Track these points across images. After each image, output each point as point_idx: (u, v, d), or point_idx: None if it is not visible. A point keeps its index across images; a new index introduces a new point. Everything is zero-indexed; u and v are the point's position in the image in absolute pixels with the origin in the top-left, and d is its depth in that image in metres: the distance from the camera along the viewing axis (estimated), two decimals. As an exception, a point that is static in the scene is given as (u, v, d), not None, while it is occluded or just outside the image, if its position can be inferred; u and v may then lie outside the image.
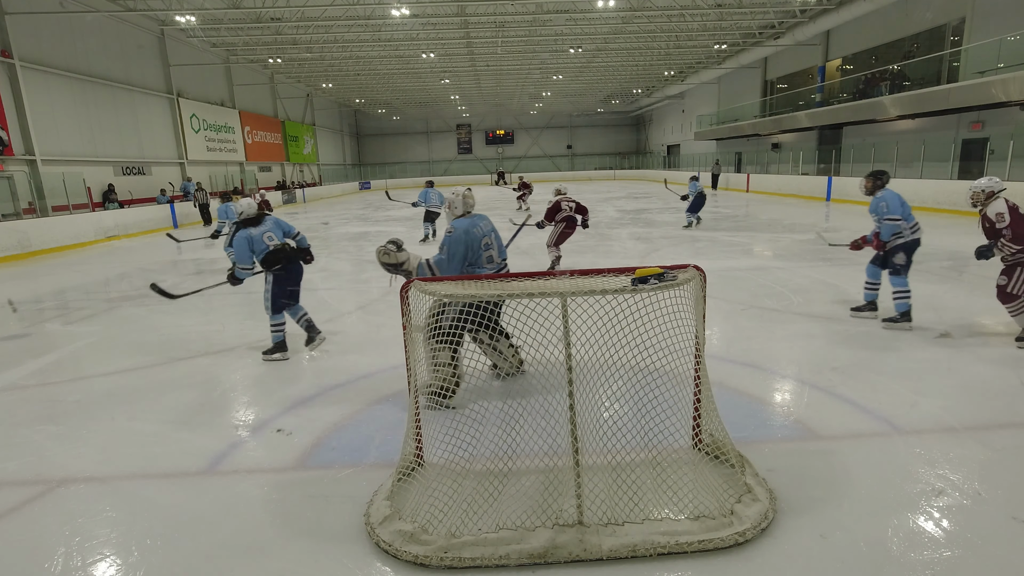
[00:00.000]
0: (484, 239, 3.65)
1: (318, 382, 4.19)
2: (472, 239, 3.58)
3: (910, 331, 4.82)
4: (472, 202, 3.80)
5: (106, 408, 3.86)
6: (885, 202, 4.85)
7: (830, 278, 7.00)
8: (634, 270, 2.52)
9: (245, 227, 4.57)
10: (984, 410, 3.34)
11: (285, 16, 19.21)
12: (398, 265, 3.65)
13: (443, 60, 25.86)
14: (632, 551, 2.19)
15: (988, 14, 14.64)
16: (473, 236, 3.59)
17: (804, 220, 13.56)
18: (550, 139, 47.40)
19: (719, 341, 4.74)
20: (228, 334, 5.53)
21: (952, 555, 2.15)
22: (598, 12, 18.93)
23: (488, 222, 3.80)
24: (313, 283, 7.86)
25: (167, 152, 20.64)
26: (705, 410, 2.77)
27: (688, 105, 35.88)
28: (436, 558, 2.18)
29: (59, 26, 15.53)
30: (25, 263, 11.19)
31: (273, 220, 4.79)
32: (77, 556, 2.33)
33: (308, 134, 34.66)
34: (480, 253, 3.60)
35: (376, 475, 2.83)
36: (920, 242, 4.99)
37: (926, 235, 5.20)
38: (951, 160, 15.28)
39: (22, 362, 4.96)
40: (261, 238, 4.57)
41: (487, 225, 3.75)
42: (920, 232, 4.97)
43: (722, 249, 9.47)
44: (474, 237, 3.59)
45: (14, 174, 13.82)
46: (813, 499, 2.52)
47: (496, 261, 3.76)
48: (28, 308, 7.07)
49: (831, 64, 21.78)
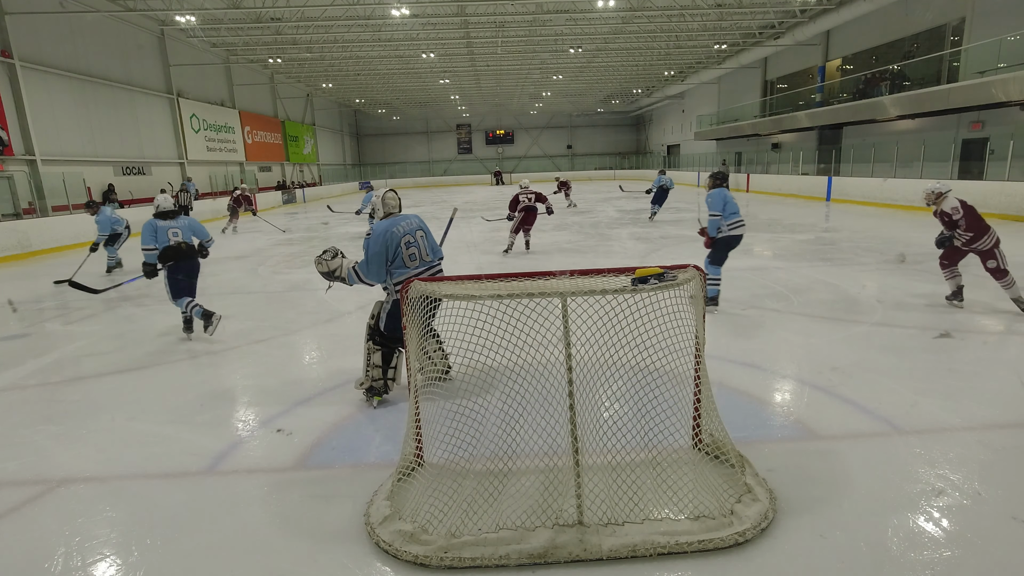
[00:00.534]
0: (405, 238, 3.65)
1: (318, 382, 4.19)
2: (391, 239, 3.61)
3: (715, 313, 5.46)
4: (393, 203, 3.84)
5: (106, 408, 3.86)
6: (711, 199, 5.52)
7: (830, 278, 7.00)
8: (634, 270, 2.52)
9: (159, 218, 5.24)
10: (984, 410, 3.34)
11: (285, 16, 19.22)
12: (331, 272, 3.76)
13: (443, 60, 25.87)
14: (632, 551, 2.19)
15: (988, 14, 14.64)
16: (392, 236, 3.62)
17: (804, 220, 13.56)
18: (550, 139, 47.41)
19: (719, 341, 4.74)
20: (228, 334, 5.53)
21: (952, 555, 2.15)
22: (598, 12, 18.93)
23: (412, 221, 3.77)
24: (313, 283, 7.86)
25: (167, 152, 20.64)
26: (705, 410, 2.76)
27: (688, 105, 35.89)
28: (436, 558, 2.18)
29: (59, 26, 15.54)
30: (25, 263, 11.19)
31: (188, 221, 5.40)
32: (77, 556, 2.33)
33: (308, 134, 34.67)
34: (400, 252, 3.62)
35: (376, 475, 2.83)
36: (740, 239, 5.60)
37: (926, 235, 5.23)
38: (951, 160, 15.28)
39: (22, 362, 4.96)
40: (166, 231, 5.21)
41: (410, 224, 3.73)
42: (741, 229, 5.56)
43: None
44: (393, 237, 3.62)
45: (14, 174, 13.83)
46: (813, 499, 2.52)
47: (424, 259, 3.75)
48: (28, 308, 7.07)
49: (831, 64, 21.79)
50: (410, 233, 3.68)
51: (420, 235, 3.75)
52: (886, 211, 14.82)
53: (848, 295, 6.16)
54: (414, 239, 3.69)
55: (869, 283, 6.70)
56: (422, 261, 3.73)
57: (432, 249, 3.84)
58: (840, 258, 8.35)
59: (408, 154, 46.56)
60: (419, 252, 3.71)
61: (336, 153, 40.99)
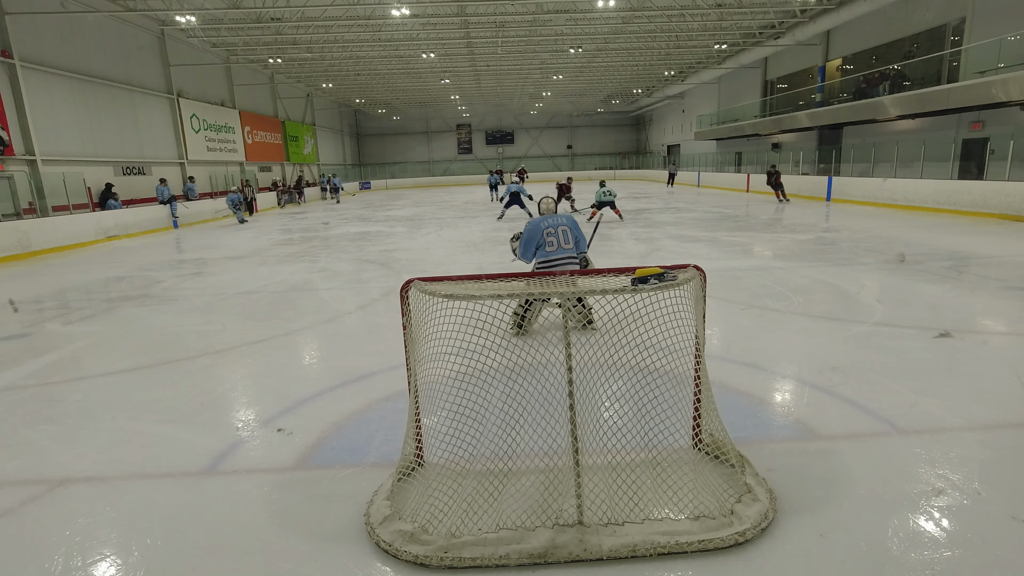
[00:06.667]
0: (547, 229, 4.68)
1: (318, 382, 4.19)
2: (536, 230, 4.71)
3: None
4: (545, 206, 5.02)
5: (106, 408, 3.86)
6: None
7: (830, 278, 7.00)
8: (634, 270, 2.52)
9: None
10: (984, 410, 3.34)
11: (285, 16, 19.21)
12: (513, 250, 5.07)
13: (443, 60, 25.86)
14: (632, 551, 2.19)
15: (988, 14, 14.64)
16: (538, 228, 4.71)
17: (804, 220, 13.56)
18: (550, 139, 47.41)
19: (719, 341, 4.74)
20: (228, 334, 5.53)
21: (952, 555, 2.15)
22: (598, 12, 18.93)
23: (559, 219, 4.73)
24: (313, 283, 7.87)
25: (167, 152, 20.63)
26: (705, 410, 2.76)
27: (688, 105, 35.89)
28: (436, 558, 2.18)
29: (59, 26, 15.53)
30: (25, 263, 11.19)
31: None
32: (77, 556, 2.33)
33: (308, 134, 34.66)
34: (543, 240, 4.69)
35: (376, 475, 2.83)
36: None
37: (926, 235, 5.22)
38: (951, 160, 15.28)
39: (22, 362, 4.96)
40: None
41: (555, 221, 4.72)
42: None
43: (722, 249, 9.47)
44: (538, 229, 4.71)
45: (14, 174, 13.81)
46: (813, 499, 2.51)
47: (563, 247, 4.71)
48: (28, 308, 7.07)
49: (831, 64, 21.78)
50: (553, 227, 4.67)
51: (563, 230, 4.69)
52: (886, 211, 14.82)
53: (848, 295, 6.16)
54: (555, 231, 4.65)
55: (869, 283, 6.70)
56: (560, 248, 4.68)
57: (576, 241, 4.76)
58: (840, 258, 8.35)
59: (408, 154, 46.56)
60: (558, 241, 4.65)
61: (336, 153, 40.97)
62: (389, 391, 3.89)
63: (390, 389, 3.92)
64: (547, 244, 4.67)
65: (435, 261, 9.46)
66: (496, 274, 2.61)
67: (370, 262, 9.53)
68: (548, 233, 4.67)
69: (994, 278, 6.86)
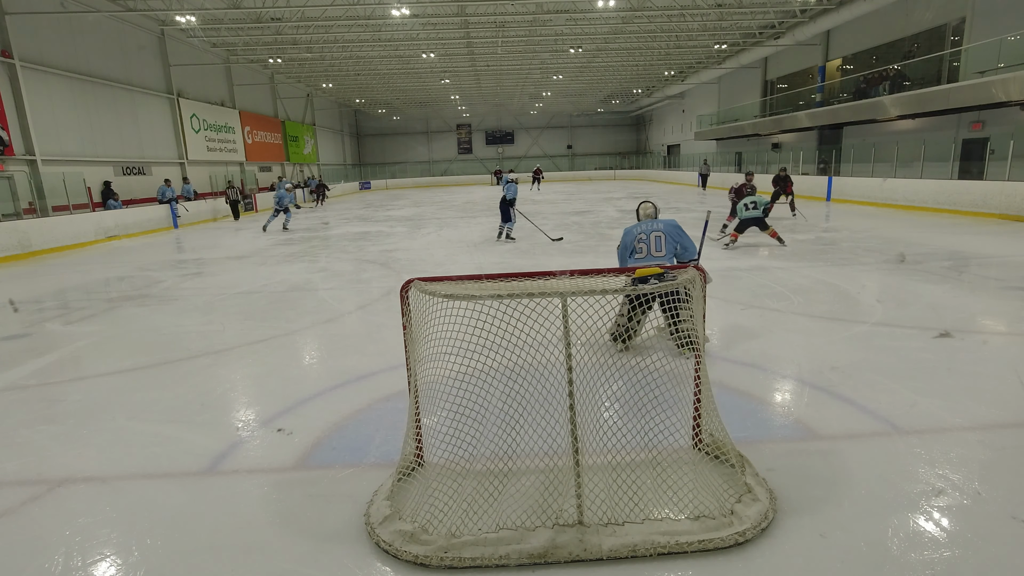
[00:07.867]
0: (639, 235, 4.69)
1: (318, 382, 4.19)
2: (630, 236, 4.76)
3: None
4: (644, 212, 5.00)
5: (106, 408, 3.86)
6: None
7: (830, 278, 7.00)
8: (634, 270, 2.52)
9: None
10: (984, 410, 3.34)
11: (285, 16, 19.21)
12: None
13: (443, 60, 25.86)
14: (632, 551, 2.19)
15: (988, 14, 14.64)
16: (631, 234, 4.76)
17: (804, 220, 13.54)
18: (550, 139, 47.40)
19: (719, 341, 4.74)
20: (228, 334, 5.53)
21: (952, 555, 2.15)
22: (598, 12, 18.93)
23: (653, 225, 4.68)
24: (313, 283, 7.87)
25: (167, 152, 20.63)
26: (705, 410, 2.76)
27: (688, 105, 35.89)
28: (436, 558, 2.18)
29: (59, 26, 15.53)
30: (25, 263, 11.19)
31: None
32: (77, 556, 2.33)
33: (308, 134, 34.66)
34: (633, 246, 4.72)
35: (376, 475, 2.83)
36: None
37: (926, 235, 5.21)
38: (951, 160, 15.27)
39: (22, 362, 4.96)
40: None
41: (648, 227, 4.70)
42: None
43: (722, 249, 9.47)
44: (631, 234, 4.75)
45: (14, 174, 13.82)
46: (813, 499, 2.51)
47: (652, 254, 4.65)
48: (28, 308, 7.07)
49: (831, 64, 21.78)
50: (645, 233, 4.68)
51: (656, 236, 4.64)
52: (886, 211, 14.82)
53: (848, 295, 6.16)
54: (647, 238, 4.66)
55: (869, 283, 6.70)
56: (650, 255, 4.65)
57: (668, 247, 4.68)
58: (840, 258, 8.35)
59: (408, 154, 46.55)
60: (648, 248, 4.64)
61: (336, 153, 40.97)
62: (389, 391, 3.89)
63: (390, 389, 3.92)
64: (637, 251, 4.68)
65: (435, 261, 9.46)
66: (496, 274, 2.61)
67: (370, 262, 9.53)
68: (639, 240, 4.68)
69: (994, 278, 6.86)
